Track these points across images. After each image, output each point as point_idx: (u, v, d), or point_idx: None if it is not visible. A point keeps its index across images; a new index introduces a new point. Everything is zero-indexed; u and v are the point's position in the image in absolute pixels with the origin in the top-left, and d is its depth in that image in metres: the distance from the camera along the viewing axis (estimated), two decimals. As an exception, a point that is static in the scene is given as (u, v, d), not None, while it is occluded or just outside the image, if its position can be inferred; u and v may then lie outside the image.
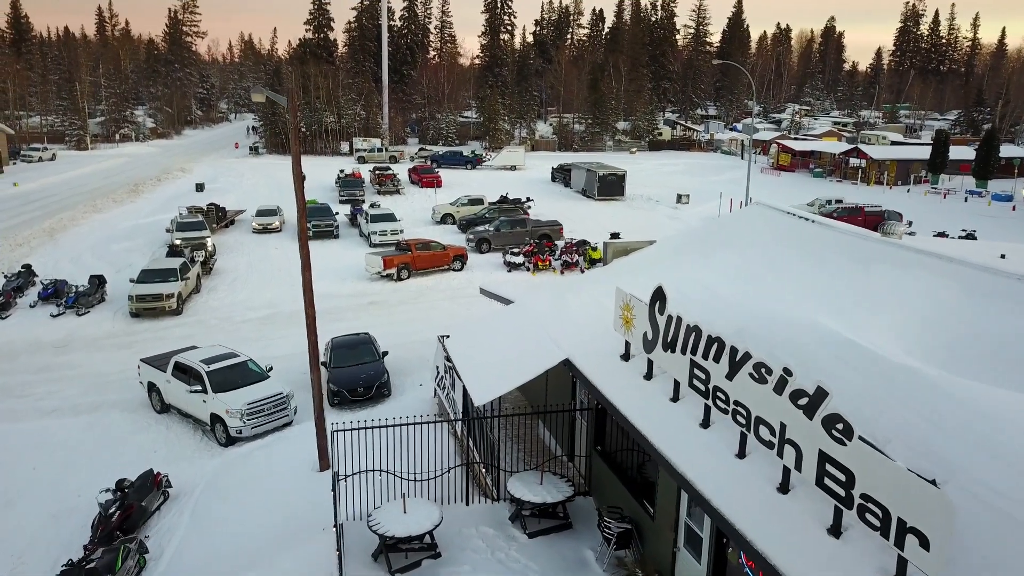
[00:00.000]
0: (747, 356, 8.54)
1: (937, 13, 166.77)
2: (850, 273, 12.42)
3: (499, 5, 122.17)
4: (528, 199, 50.87)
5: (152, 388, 20.88)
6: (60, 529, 15.33)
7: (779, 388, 7.90)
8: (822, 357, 9.84)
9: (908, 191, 61.47)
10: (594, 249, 36.72)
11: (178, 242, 37.54)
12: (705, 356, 9.38)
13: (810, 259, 13.20)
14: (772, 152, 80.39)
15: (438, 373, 17.88)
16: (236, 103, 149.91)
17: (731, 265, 13.88)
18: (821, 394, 7.29)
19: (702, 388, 9.51)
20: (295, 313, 29.96)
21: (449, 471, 13.21)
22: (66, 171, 70.84)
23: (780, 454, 7.98)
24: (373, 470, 12.66)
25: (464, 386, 13.58)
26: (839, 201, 47.72)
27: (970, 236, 37.83)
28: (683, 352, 9.87)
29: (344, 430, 12.88)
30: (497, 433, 13.64)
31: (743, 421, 8.65)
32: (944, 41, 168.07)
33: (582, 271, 35.61)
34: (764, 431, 8.25)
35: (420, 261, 35.02)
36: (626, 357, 11.86)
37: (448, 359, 16.20)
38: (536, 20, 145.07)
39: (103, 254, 39.37)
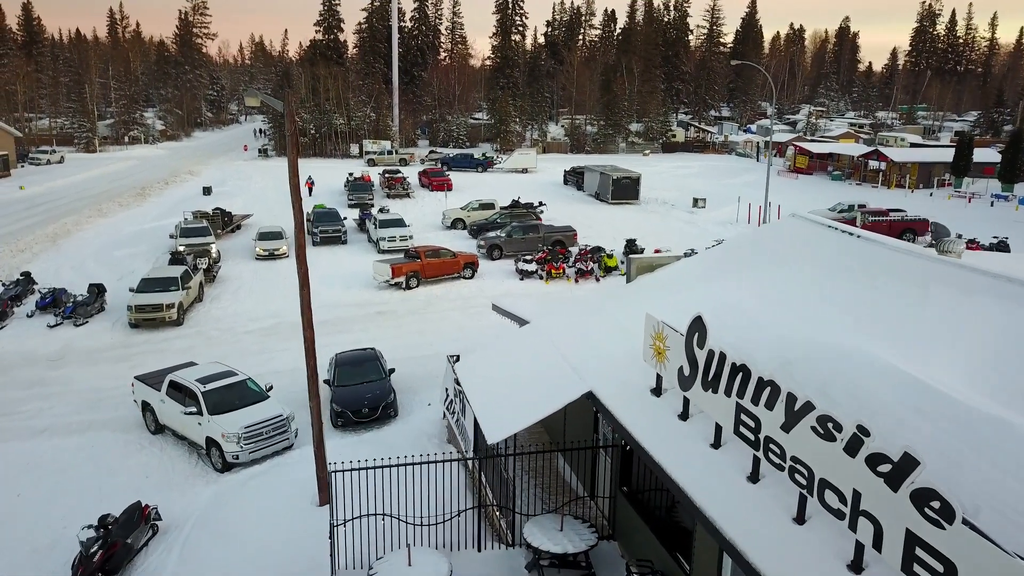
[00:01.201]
0: (809, 407, 7.29)
1: (954, 13, 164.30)
2: (906, 297, 11.13)
3: (511, 6, 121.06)
4: (540, 203, 49.66)
5: (146, 408, 19.80)
6: (40, 567, 14.22)
7: (852, 449, 6.64)
8: (885, 400, 8.57)
9: (931, 195, 59.84)
10: (609, 256, 35.48)
11: (182, 248, 36.54)
12: (755, 400, 8.13)
13: (858, 280, 11.91)
14: (789, 154, 78.81)
15: (447, 396, 16.68)
16: (246, 105, 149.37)
17: (769, 285, 12.61)
18: (910, 463, 6.04)
19: (750, 437, 8.26)
20: (300, 324, 28.82)
21: (460, 514, 12.01)
22: (74, 174, 70.13)
23: (853, 527, 6.72)
24: (375, 514, 11.46)
25: (475, 416, 12.37)
26: (862, 206, 46.19)
27: (1002, 245, 36.29)
28: (727, 393, 8.62)
29: (343, 470, 11.70)
30: (512, 471, 12.43)
31: (803, 482, 7.41)
32: (961, 41, 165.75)
33: (597, 279, 34.39)
34: (831, 497, 7.00)
35: (429, 269, 33.85)
36: (657, 392, 10.62)
37: (458, 382, 15.03)
38: (547, 21, 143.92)
39: (106, 260, 38.44)
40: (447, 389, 16.89)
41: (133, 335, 27.79)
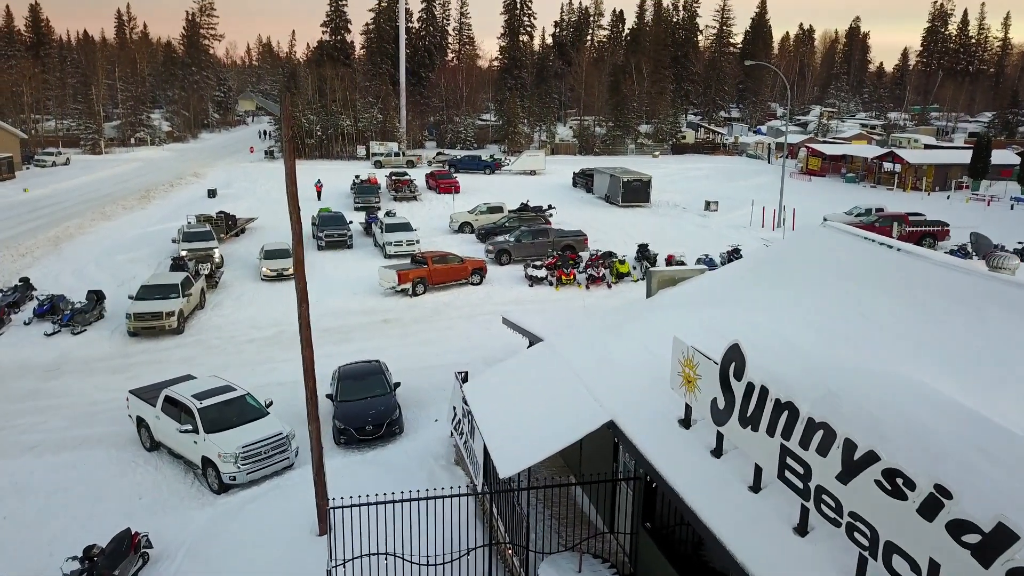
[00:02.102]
0: (871, 457, 6.35)
1: (966, 13, 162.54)
2: (957, 320, 10.18)
3: (519, 6, 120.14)
4: (550, 207, 48.75)
5: (141, 423, 18.97)
6: (22, 600, 13.39)
7: (928, 512, 5.71)
8: (946, 439, 7.64)
9: (948, 198, 58.61)
10: (621, 262, 34.53)
11: (184, 253, 35.77)
12: (804, 444, 7.19)
13: (903, 299, 10.95)
14: (801, 156, 77.63)
15: (454, 415, 15.76)
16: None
17: (803, 304, 11.66)
18: (1005, 536, 5.10)
19: (798, 484, 7.32)
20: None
21: (469, 552, 11.10)
22: (79, 176, 69.58)
23: (929, 603, 5.78)
24: (377, 553, 10.56)
25: (485, 444, 11.46)
26: (880, 209, 45.08)
27: (1028, 250, 35.14)
28: (770, 432, 7.69)
29: (343, 507, 10.79)
30: (526, 504, 11.51)
31: (864, 542, 6.47)
32: (973, 41, 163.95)
33: (609, 286, 33.45)
34: (900, 564, 6.06)
35: (436, 275, 32.97)
36: (687, 424, 9.69)
37: (466, 402, 14.13)
38: (555, 21, 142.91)
39: (107, 265, 37.70)
40: (454, 408, 15.97)
41: (132, 344, 27.00)
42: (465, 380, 15.85)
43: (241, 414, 17.70)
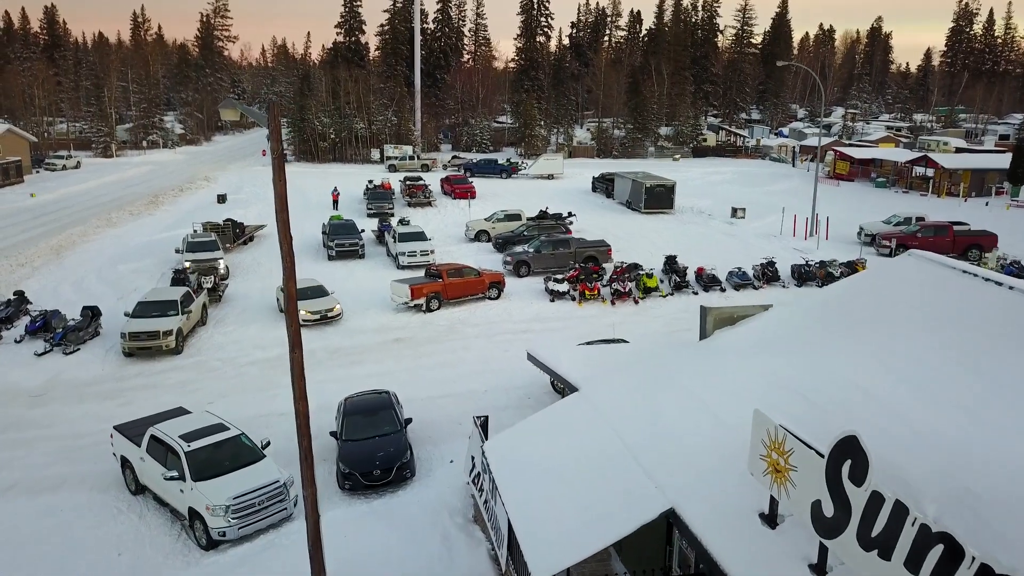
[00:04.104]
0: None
1: (992, 12, 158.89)
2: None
3: (535, 6, 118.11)
4: (570, 214, 46.70)
5: (126, 463, 17.13)
6: None
7: None
8: None
9: (987, 204, 55.99)
10: (649, 276, 32.44)
11: (187, 264, 34.06)
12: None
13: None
14: (828, 159, 75.09)
15: (473, 466, 13.82)
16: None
17: (896, 354, 9.59)
18: None
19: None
20: (311, 353, 26.07)
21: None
22: (88, 180, 68.34)
23: None
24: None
25: (510, 521, 9.47)
26: (920, 218, 42.69)
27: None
28: (912, 568, 5.63)
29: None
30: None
31: None
32: (1000, 41, 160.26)
33: (636, 302, 31.39)
34: None
35: (452, 289, 31.03)
36: (771, 521, 7.66)
37: (485, 455, 12.18)
38: (572, 22, 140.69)
39: (109, 276, 36.07)
40: (473, 458, 14.03)
41: (126, 365, 25.23)
42: (485, 427, 13.92)
43: (234, 458, 15.80)
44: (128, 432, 17.31)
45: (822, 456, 6.62)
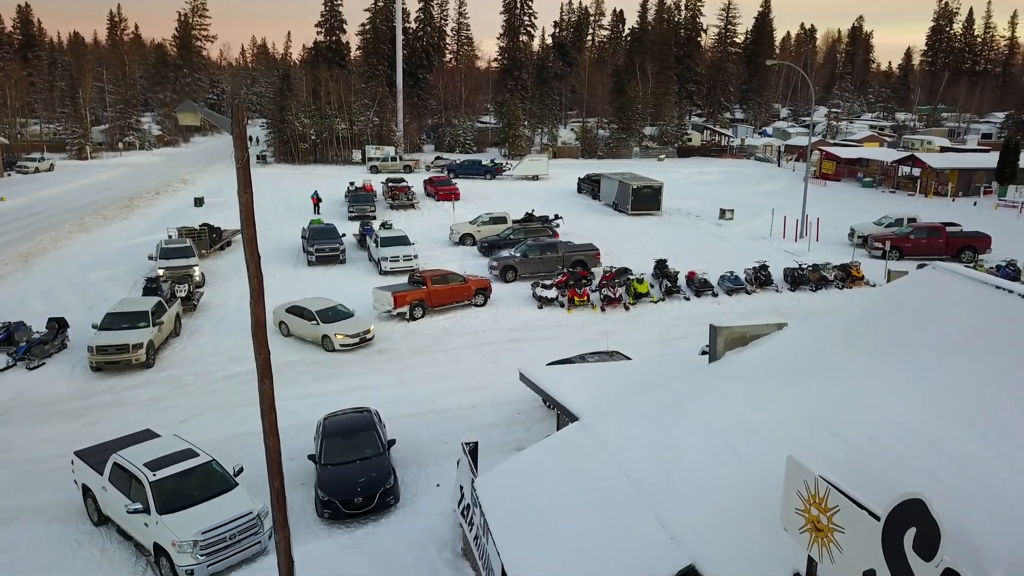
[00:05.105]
0: None
1: (971, 12, 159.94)
2: None
3: (518, 6, 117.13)
4: (557, 216, 45.75)
5: (87, 492, 15.94)
6: None
7: None
8: None
9: (975, 204, 55.60)
10: (639, 281, 31.53)
11: (160, 272, 32.75)
12: None
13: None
14: (814, 159, 74.55)
15: (462, 497, 12.79)
16: (248, 108, 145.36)
17: (932, 381, 8.66)
18: None
19: None
20: (288, 365, 25.05)
21: None
22: (62, 183, 66.53)
23: None
24: None
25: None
26: (912, 219, 42.07)
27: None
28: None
29: None
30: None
31: None
32: (979, 40, 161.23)
33: (627, 308, 30.46)
34: None
35: (437, 297, 29.96)
36: (809, 585, 6.67)
37: (475, 489, 11.16)
38: (555, 21, 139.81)
39: (79, 285, 34.68)
40: (461, 488, 13.00)
41: (94, 381, 23.95)
42: (474, 453, 12.90)
43: (204, 487, 14.66)
44: (90, 458, 16.11)
45: (877, 519, 5.66)
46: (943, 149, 78.68)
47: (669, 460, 8.64)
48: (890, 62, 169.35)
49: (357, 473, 15.85)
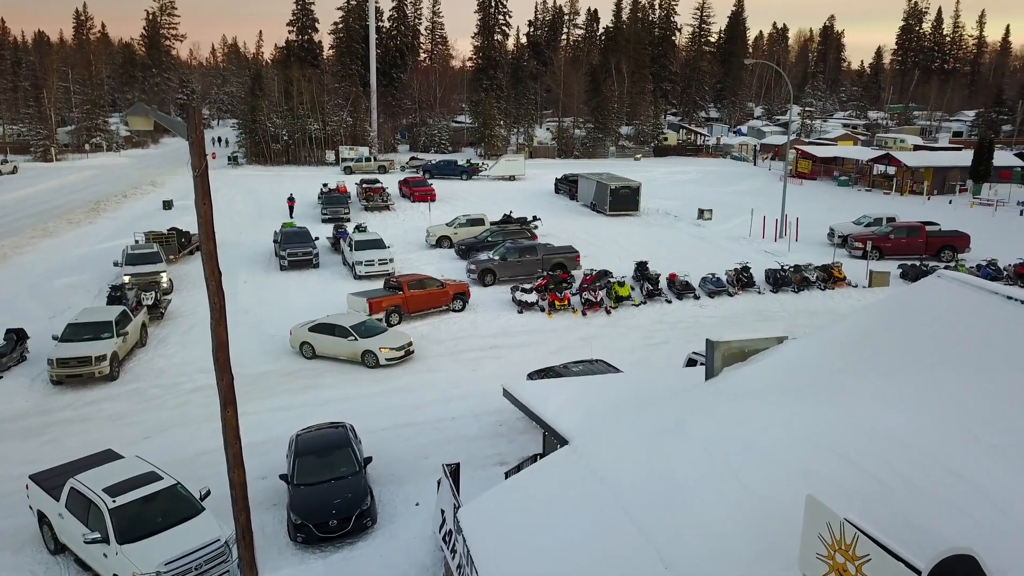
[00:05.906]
0: None
1: (940, 11, 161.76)
2: None
3: (493, 5, 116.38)
4: (535, 218, 45.11)
5: (43, 519, 14.98)
6: None
7: None
8: None
9: (950, 203, 55.84)
10: (620, 284, 30.95)
11: (126, 279, 31.62)
12: None
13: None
14: (789, 158, 74.69)
15: (444, 522, 12.07)
16: (219, 108, 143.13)
17: (951, 403, 8.09)
18: None
19: None
20: (262, 376, 24.15)
21: None
22: (25, 186, 64.65)
23: None
24: None
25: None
26: (891, 219, 41.98)
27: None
28: None
29: None
30: None
31: None
32: (948, 39, 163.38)
33: (608, 311, 29.87)
34: None
35: (414, 303, 29.17)
36: (832, 637, 6.04)
37: (458, 522, 10.43)
38: (529, 20, 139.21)
39: (42, 293, 33.41)
40: (443, 512, 12.28)
41: (54, 395, 22.87)
42: (455, 475, 12.19)
43: (168, 513, 13.79)
44: (46, 483, 15.14)
45: (918, 573, 5.05)
46: (916, 147, 79.22)
47: (668, 489, 7.99)
48: (862, 61, 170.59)
49: (332, 494, 15.05)
